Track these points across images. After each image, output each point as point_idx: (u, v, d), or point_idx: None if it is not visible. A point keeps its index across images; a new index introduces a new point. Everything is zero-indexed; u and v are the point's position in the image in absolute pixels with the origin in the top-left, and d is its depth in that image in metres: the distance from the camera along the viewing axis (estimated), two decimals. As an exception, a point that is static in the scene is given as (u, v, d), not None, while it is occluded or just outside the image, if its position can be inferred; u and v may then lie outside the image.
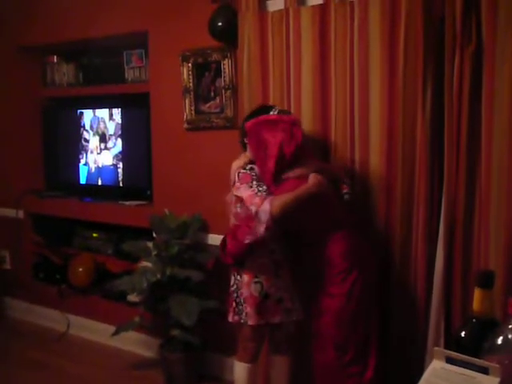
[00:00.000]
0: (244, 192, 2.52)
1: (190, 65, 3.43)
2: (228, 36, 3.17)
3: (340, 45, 2.77)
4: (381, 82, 2.65)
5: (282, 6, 2.96)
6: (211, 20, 3.18)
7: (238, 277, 2.68)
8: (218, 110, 3.37)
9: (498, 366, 0.88)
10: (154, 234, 3.57)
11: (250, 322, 2.61)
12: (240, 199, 2.56)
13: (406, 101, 2.60)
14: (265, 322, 2.62)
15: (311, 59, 2.85)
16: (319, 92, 2.85)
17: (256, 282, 2.60)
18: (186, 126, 3.52)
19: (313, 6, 2.86)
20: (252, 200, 2.45)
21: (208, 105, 3.41)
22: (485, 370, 0.89)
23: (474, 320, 1.12)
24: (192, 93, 3.44)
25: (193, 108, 3.46)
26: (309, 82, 2.87)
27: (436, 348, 0.95)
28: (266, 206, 2.39)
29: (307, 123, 2.88)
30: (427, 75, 2.55)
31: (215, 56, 3.32)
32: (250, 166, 2.61)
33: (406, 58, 2.58)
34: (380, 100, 2.66)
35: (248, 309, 2.61)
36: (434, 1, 2.52)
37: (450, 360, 0.91)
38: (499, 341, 0.98)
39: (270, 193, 2.48)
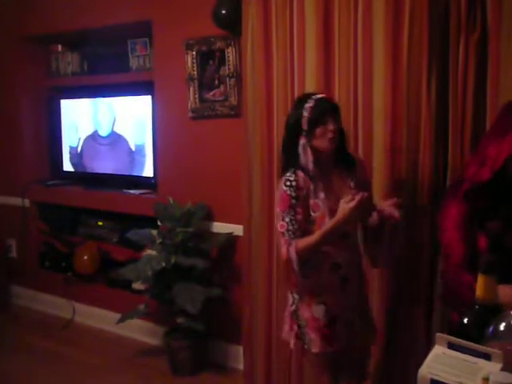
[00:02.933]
0: (277, 219, 2.23)
1: (194, 53, 3.43)
2: (232, 24, 3.16)
3: (344, 34, 2.75)
4: (384, 71, 2.63)
5: (286, -6, 2.95)
6: (215, 8, 3.18)
7: (296, 296, 2.31)
8: (222, 98, 3.37)
9: (500, 351, 0.89)
10: (159, 223, 3.58)
11: (314, 350, 2.25)
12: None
13: (411, 91, 2.58)
14: (333, 349, 2.26)
15: (315, 48, 2.83)
16: (323, 82, 2.83)
17: (318, 303, 2.24)
18: (190, 114, 3.52)
19: (317, -6, 2.84)
20: (279, 240, 2.20)
21: (212, 93, 3.41)
22: (487, 356, 0.89)
23: (477, 306, 1.13)
24: (196, 81, 3.44)
25: (197, 96, 3.46)
26: (313, 71, 2.85)
27: (438, 334, 0.95)
28: (292, 255, 2.12)
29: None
30: (432, 64, 2.53)
31: (219, 44, 3.31)
32: (294, 176, 2.19)
33: (410, 47, 2.56)
34: (384, 90, 2.65)
35: (311, 334, 2.25)
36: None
37: (451, 346, 0.92)
38: (502, 327, 0.99)
39: (300, 228, 2.16)
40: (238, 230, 3.37)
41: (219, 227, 3.50)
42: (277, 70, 3.00)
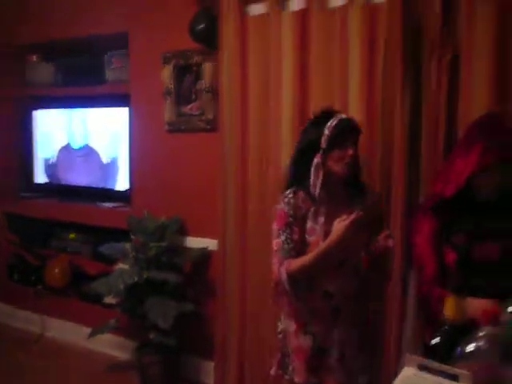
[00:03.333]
0: (272, 234, 2.14)
1: (171, 66, 3.43)
2: (209, 39, 3.17)
3: (320, 51, 2.79)
4: (360, 88, 2.67)
5: (263, 11, 2.97)
6: (192, 22, 3.18)
7: (284, 323, 2.21)
8: (198, 112, 3.37)
9: (467, 373, 0.90)
10: (132, 236, 3.54)
11: (297, 379, 2.11)
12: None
13: (385, 109, 2.62)
14: (318, 381, 2.11)
15: (291, 64, 2.86)
16: (299, 97, 2.86)
17: (307, 333, 2.12)
18: (166, 127, 3.51)
19: (293, 12, 2.87)
20: (273, 257, 2.10)
21: (189, 107, 3.41)
22: (455, 378, 0.90)
23: (446, 327, 1.14)
24: (173, 94, 3.44)
25: (174, 110, 3.45)
26: (289, 87, 2.87)
27: (408, 355, 0.96)
28: (283, 275, 2.02)
29: (286, 127, 2.89)
30: (405, 83, 2.57)
31: (196, 58, 3.32)
32: (293, 194, 2.10)
33: (386, 65, 2.60)
34: (359, 106, 2.68)
35: (296, 362, 2.12)
36: (413, 10, 2.55)
37: (421, 367, 0.93)
38: (470, 348, 0.99)
39: (295, 248, 2.06)
40: (212, 244, 3.35)
41: (193, 242, 3.48)
42: (253, 86, 3.02)
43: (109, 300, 3.79)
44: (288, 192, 2.12)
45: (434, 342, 1.13)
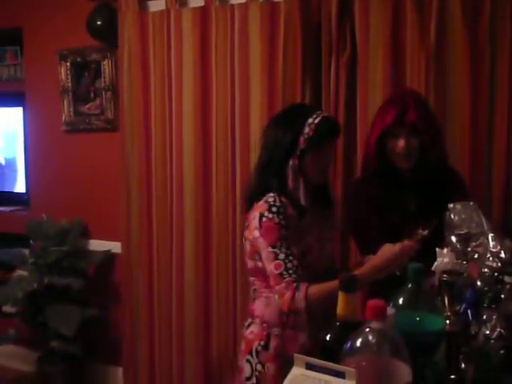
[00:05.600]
0: (266, 257, 1.74)
1: (68, 64, 3.31)
2: (107, 36, 3.08)
3: (221, 47, 2.77)
4: (261, 84, 2.68)
5: (163, 7, 2.92)
6: (90, 18, 3.07)
7: (259, 366, 1.81)
8: (98, 112, 3.27)
9: (353, 369, 0.90)
10: (31, 241, 3.38)
11: None
12: (258, 251, 1.79)
13: (286, 104, 2.63)
14: None
15: (192, 60, 2.83)
16: (201, 94, 2.84)
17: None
18: (64, 127, 3.39)
19: (194, 8, 2.84)
20: (275, 283, 1.71)
21: (88, 106, 3.30)
22: (341, 374, 0.90)
23: (337, 323, 1.15)
24: (71, 93, 3.33)
25: (71, 109, 3.34)
26: (190, 84, 2.85)
27: (296, 354, 0.95)
28: (300, 304, 1.64)
29: (188, 124, 2.87)
30: (306, 83, 2.61)
31: (95, 56, 3.23)
32: (278, 202, 1.76)
33: (286, 62, 2.62)
34: (260, 101, 2.69)
35: None
36: (312, 8, 2.59)
37: (309, 366, 0.92)
38: (358, 343, 1.00)
39: (300, 265, 1.72)
40: (116, 247, 3.26)
41: (96, 245, 3.37)
42: (154, 84, 2.97)
43: (7, 309, 3.59)
44: (272, 198, 1.76)
45: (325, 338, 1.13)
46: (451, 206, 1.47)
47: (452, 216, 1.45)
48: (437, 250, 1.39)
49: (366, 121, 2.47)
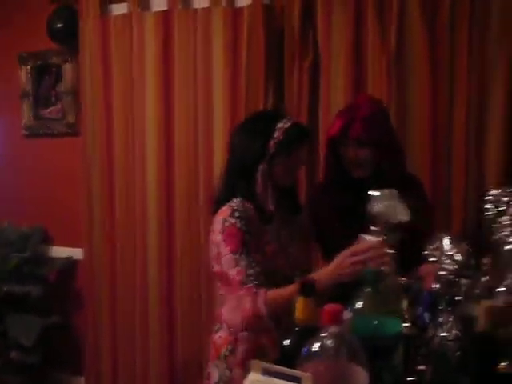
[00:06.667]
0: (227, 263, 1.71)
1: (28, 67, 3.26)
2: (68, 39, 3.04)
3: (184, 51, 2.76)
4: (224, 88, 2.68)
5: (125, 11, 2.90)
6: (50, 21, 3.03)
7: (227, 371, 1.80)
8: (59, 116, 3.22)
9: (309, 374, 0.90)
10: (-10, 248, 3.31)
11: None
12: (219, 257, 1.75)
13: (249, 108, 2.64)
14: None
15: (155, 64, 2.81)
16: (163, 98, 2.82)
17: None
18: (24, 132, 3.34)
19: (156, 12, 2.82)
20: (237, 287, 1.67)
21: (48, 110, 3.25)
22: (297, 380, 0.90)
23: (296, 328, 1.14)
24: (31, 97, 3.28)
25: (32, 113, 3.28)
26: (152, 88, 2.83)
27: (252, 360, 0.94)
28: (261, 309, 1.61)
29: (151, 127, 2.85)
30: (269, 83, 2.62)
31: (56, 59, 3.18)
32: (242, 207, 1.74)
33: (248, 67, 2.62)
34: (223, 105, 2.69)
35: None
36: (275, 14, 2.60)
37: (265, 371, 0.92)
38: (315, 348, 1.00)
39: (262, 272, 1.69)
40: (77, 253, 3.21)
41: (58, 251, 3.32)
42: (116, 88, 2.93)
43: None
44: (235, 203, 1.74)
45: (284, 343, 1.13)
46: (371, 194, 1.52)
47: (373, 205, 1.50)
48: (360, 236, 1.46)
49: (328, 125, 2.46)
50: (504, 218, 1.32)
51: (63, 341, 3.33)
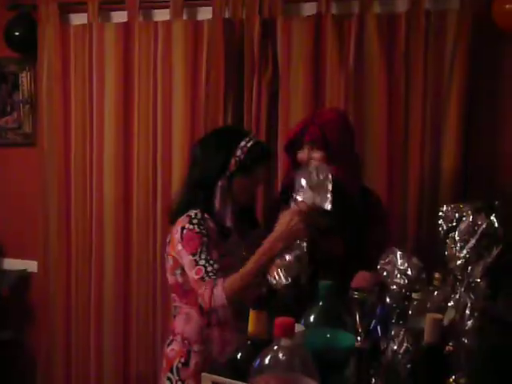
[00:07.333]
0: (187, 266, 1.76)
1: (-17, 75, 3.17)
2: (26, 47, 2.98)
3: (144, 63, 2.75)
4: (184, 100, 2.68)
5: (85, 21, 2.86)
6: (7, 28, 2.97)
7: (179, 383, 1.83)
8: (15, 126, 3.15)
9: (259, 388, 0.89)
10: None
11: None
12: (180, 264, 1.81)
13: (208, 121, 2.64)
14: None
15: (115, 76, 2.80)
16: (122, 109, 2.80)
17: None
18: (-23, 141, 3.24)
19: (117, 23, 2.81)
20: (198, 288, 1.72)
21: (4, 119, 3.17)
22: (248, 393, 0.89)
23: (248, 342, 1.14)
24: (-15, 106, 3.19)
25: (-14, 122, 3.19)
26: (112, 99, 2.81)
27: (203, 374, 0.94)
28: (220, 298, 1.66)
29: (109, 139, 2.83)
30: (228, 95, 2.63)
31: (12, 67, 3.11)
32: (200, 216, 1.79)
33: (208, 79, 2.63)
34: (183, 117, 2.69)
35: None
36: (235, 27, 2.61)
37: (215, 385, 0.91)
38: (267, 360, 0.99)
39: (221, 269, 1.73)
40: (32, 266, 3.13)
41: (11, 263, 3.23)
42: (75, 98, 2.90)
43: None
44: (193, 213, 1.78)
45: (235, 356, 1.12)
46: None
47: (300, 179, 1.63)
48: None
49: (286, 132, 2.50)
50: (455, 233, 1.34)
51: (16, 356, 3.24)
